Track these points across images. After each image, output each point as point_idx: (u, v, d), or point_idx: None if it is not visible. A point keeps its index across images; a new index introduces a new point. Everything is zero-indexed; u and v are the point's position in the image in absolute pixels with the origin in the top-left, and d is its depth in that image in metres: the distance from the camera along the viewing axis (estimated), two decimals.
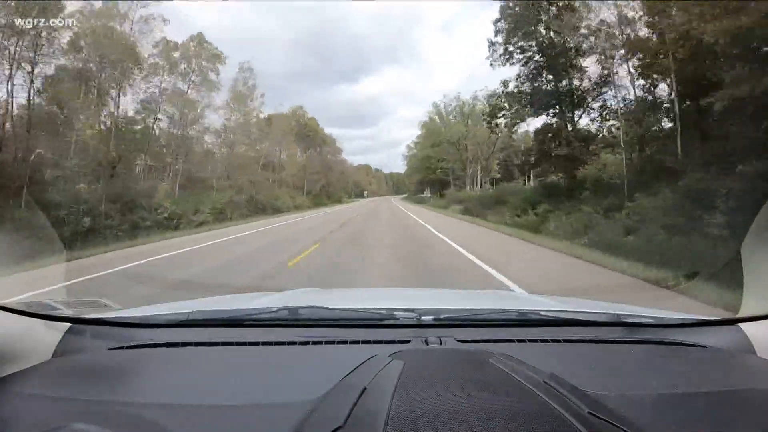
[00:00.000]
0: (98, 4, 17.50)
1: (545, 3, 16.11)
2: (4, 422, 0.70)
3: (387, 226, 15.28)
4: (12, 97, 14.64)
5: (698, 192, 8.66)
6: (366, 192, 79.20)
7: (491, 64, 18.27)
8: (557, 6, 15.69)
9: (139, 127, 20.26)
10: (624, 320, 1.20)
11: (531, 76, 17.48)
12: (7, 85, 14.46)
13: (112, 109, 18.36)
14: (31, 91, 15.04)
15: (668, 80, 12.17)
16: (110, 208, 14.95)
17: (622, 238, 9.32)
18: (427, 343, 1.01)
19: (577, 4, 15.12)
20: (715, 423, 0.74)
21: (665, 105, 12.90)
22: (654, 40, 12.27)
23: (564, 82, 16.46)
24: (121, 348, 1.04)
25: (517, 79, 17.84)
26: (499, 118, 19.49)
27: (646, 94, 13.80)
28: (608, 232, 9.92)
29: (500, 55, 17.90)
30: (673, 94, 12.06)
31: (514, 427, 0.58)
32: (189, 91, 21.88)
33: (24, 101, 15.07)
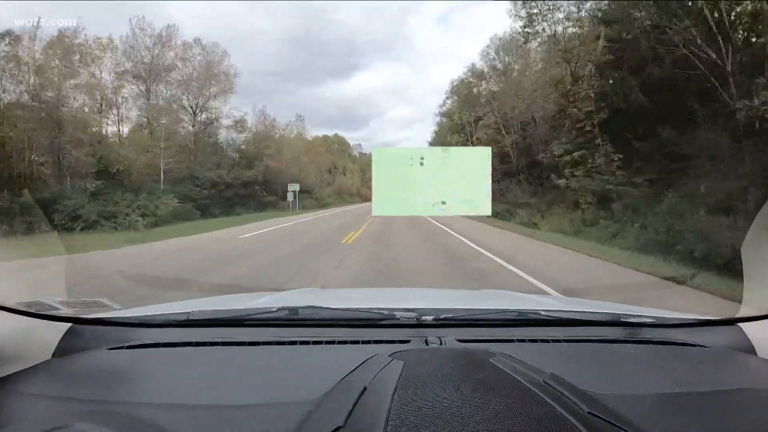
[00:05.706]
0: None
1: None
2: (4, 422, 0.70)
3: None
4: None
5: None
6: (292, 190, 24.55)
7: None
8: None
9: None
10: (624, 320, 1.20)
11: None
12: None
13: None
14: None
15: None
16: None
17: None
18: (427, 343, 1.01)
19: None
20: (716, 423, 0.74)
21: None
22: None
23: None
24: (121, 348, 1.04)
25: None
26: None
27: None
28: None
29: None
30: None
31: (514, 427, 0.58)
32: None
33: None
